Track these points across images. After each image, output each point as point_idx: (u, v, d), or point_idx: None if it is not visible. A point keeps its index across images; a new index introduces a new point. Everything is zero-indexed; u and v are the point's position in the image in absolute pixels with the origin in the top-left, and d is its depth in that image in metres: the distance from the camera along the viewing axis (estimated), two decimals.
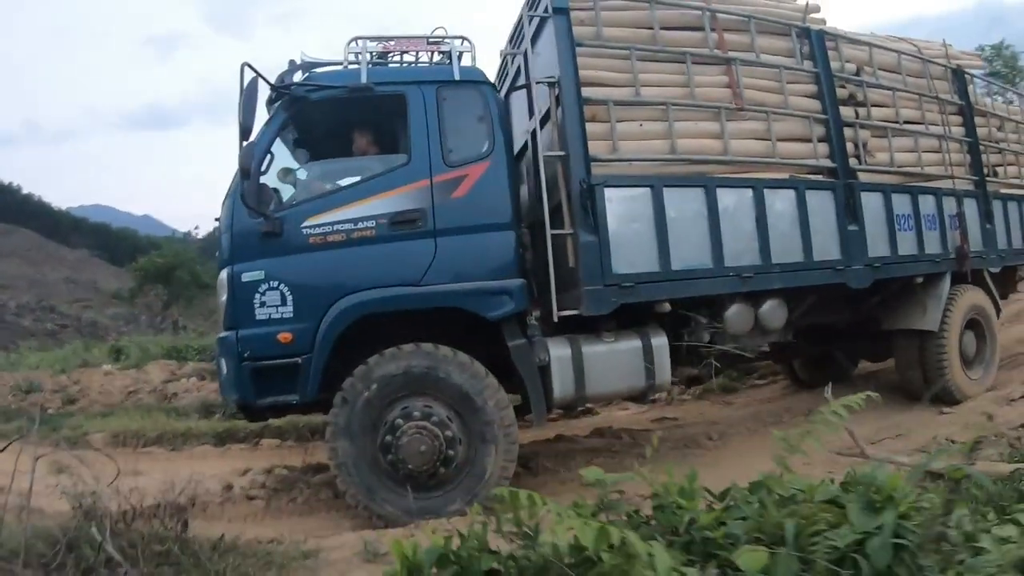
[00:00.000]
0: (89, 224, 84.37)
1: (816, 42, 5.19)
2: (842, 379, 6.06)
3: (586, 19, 4.44)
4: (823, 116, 5.08)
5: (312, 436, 5.81)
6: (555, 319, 4.01)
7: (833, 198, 4.96)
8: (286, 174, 4.18)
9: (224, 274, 3.98)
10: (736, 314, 4.60)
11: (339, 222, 3.90)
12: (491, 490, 3.61)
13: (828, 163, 5.03)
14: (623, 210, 4.20)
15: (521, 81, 4.66)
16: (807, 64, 5.15)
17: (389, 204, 3.95)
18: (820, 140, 5.09)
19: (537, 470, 4.74)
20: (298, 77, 4.28)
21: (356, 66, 4.20)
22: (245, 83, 3.78)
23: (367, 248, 3.90)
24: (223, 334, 4.00)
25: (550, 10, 4.31)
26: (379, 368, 3.74)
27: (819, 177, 5.03)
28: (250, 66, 3.82)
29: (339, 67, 4.31)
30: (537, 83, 4.30)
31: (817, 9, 5.43)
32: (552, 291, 4.02)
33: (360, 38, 4.38)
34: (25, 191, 79.33)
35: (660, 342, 4.27)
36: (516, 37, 4.95)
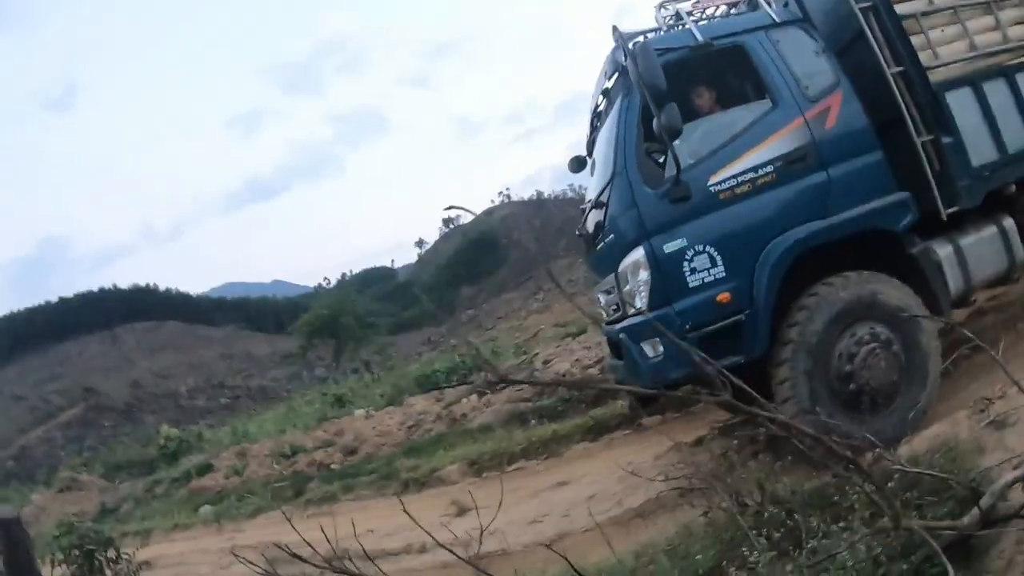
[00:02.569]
0: (229, 302, 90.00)
1: None
2: None
3: None
4: None
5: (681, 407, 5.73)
6: (943, 218, 4.30)
7: None
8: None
9: (640, 253, 4.05)
10: None
11: (742, 173, 4.09)
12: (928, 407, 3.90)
13: None
14: (962, 109, 4.51)
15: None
16: None
17: (779, 147, 4.16)
18: None
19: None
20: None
21: (683, 27, 4.40)
22: (626, 52, 3.97)
23: (774, 192, 4.11)
24: (642, 317, 4.06)
25: None
26: (836, 295, 3.94)
27: None
28: (618, 31, 4.03)
29: (661, 31, 4.48)
30: (861, 7, 4.47)
31: None
32: (936, 193, 4.31)
33: (667, 2, 4.58)
34: (163, 288, 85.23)
35: (1010, 224, 4.59)
36: None
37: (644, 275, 4.06)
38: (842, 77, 4.38)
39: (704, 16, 4.76)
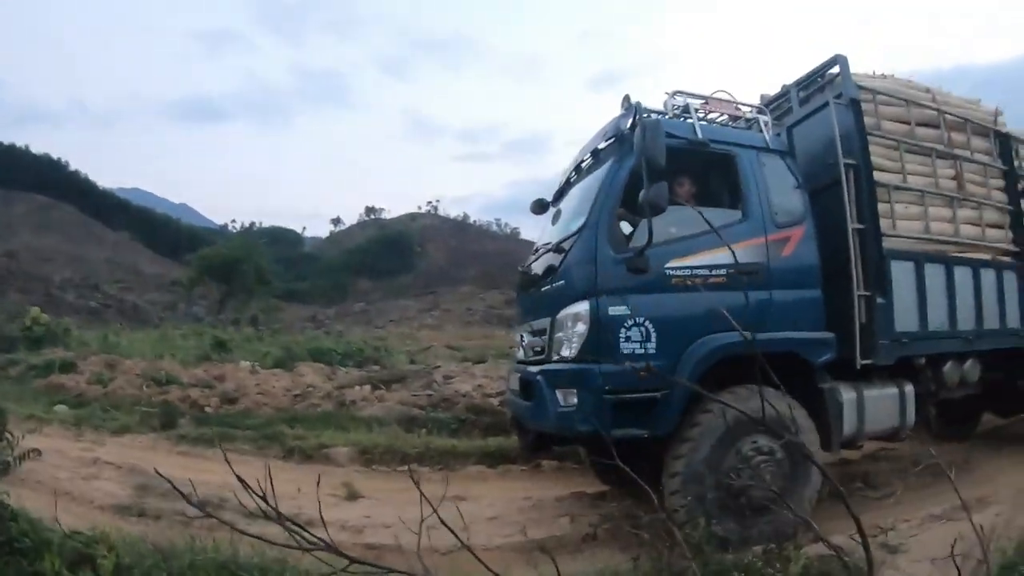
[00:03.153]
0: (132, 208, 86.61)
1: (1005, 143, 6.20)
2: (966, 435, 7.04)
3: (868, 110, 5.23)
4: (1009, 207, 6.08)
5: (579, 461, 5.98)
6: (857, 367, 4.74)
7: (1017, 278, 5.95)
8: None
9: (584, 306, 4.24)
10: (951, 369, 5.50)
11: (699, 267, 4.42)
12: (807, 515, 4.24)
13: (1013, 247, 6.02)
14: (901, 278, 5.02)
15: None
16: (999, 161, 6.14)
17: (737, 256, 4.52)
18: (1001, 227, 6.09)
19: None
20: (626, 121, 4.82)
21: (689, 120, 4.77)
22: (634, 123, 4.31)
23: (720, 294, 4.38)
24: (566, 365, 4.25)
25: (846, 99, 5.07)
26: (738, 406, 4.25)
27: (1008, 259, 6.00)
28: (629, 100, 4.39)
29: (665, 116, 4.80)
30: (845, 164, 4.96)
31: (1001, 114, 6.45)
32: (856, 343, 4.75)
33: (680, 93, 4.98)
34: (72, 167, 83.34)
35: (910, 390, 5.08)
36: (775, 107, 5.70)
37: (582, 328, 4.26)
38: (809, 216, 4.82)
39: (706, 117, 5.13)
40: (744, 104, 5.30)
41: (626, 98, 4.99)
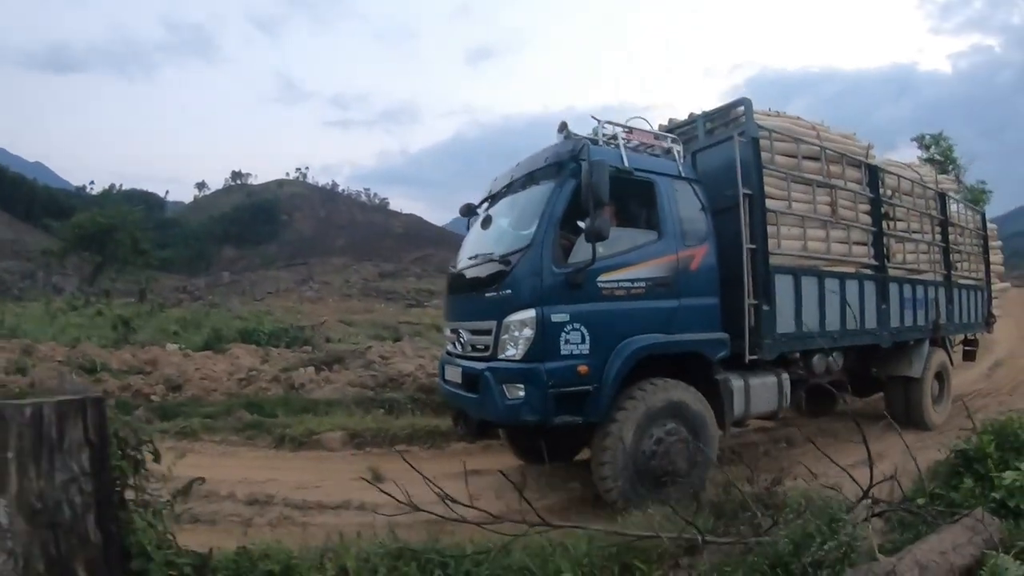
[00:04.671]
0: None
1: (873, 173, 7.47)
2: (828, 412, 8.50)
3: (765, 146, 6.26)
4: (873, 228, 7.36)
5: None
6: (746, 361, 5.81)
7: (875, 287, 7.27)
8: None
9: (531, 313, 4.91)
10: (818, 361, 6.75)
11: (623, 280, 5.25)
12: (706, 483, 5.25)
13: (873, 262, 7.33)
14: (782, 290, 6.13)
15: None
16: (868, 190, 7.40)
17: (653, 271, 5.40)
18: (864, 244, 7.39)
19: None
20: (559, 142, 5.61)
21: (616, 148, 5.54)
22: (575, 153, 5.13)
23: (639, 302, 5.29)
24: (514, 364, 4.92)
25: (748, 137, 6.07)
26: (653, 396, 5.14)
27: (868, 272, 7.30)
28: (567, 129, 5.23)
29: (594, 142, 5.48)
30: (744, 194, 5.94)
31: (872, 147, 7.72)
32: (747, 341, 5.80)
33: (609, 123, 5.78)
34: None
35: (786, 378, 6.25)
36: (681, 132, 6.65)
37: (528, 332, 4.96)
38: (711, 235, 5.80)
39: (629, 142, 5.80)
40: (660, 134, 6.18)
41: (563, 125, 5.78)
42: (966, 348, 10.00)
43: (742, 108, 6.40)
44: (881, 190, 7.58)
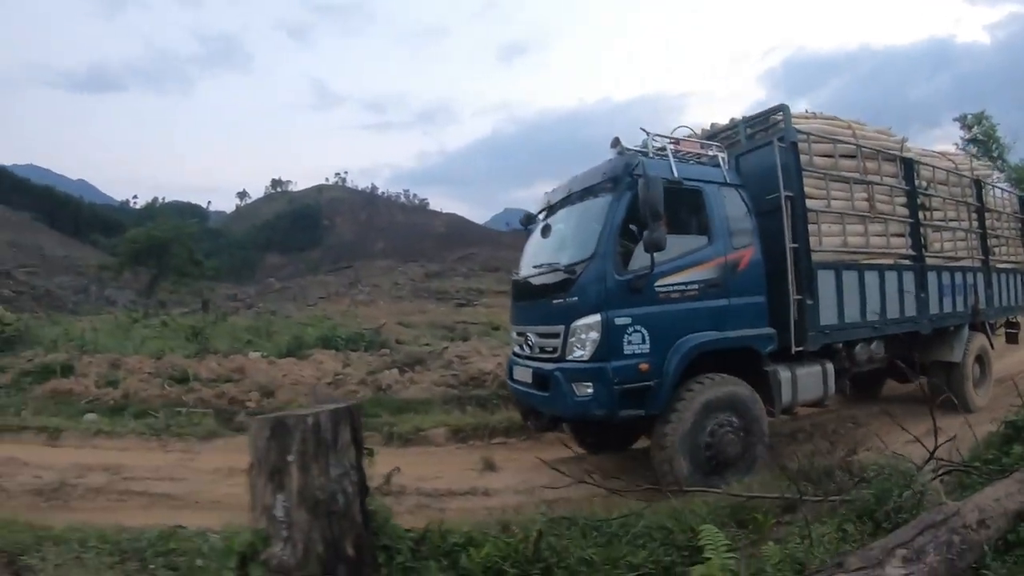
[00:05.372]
0: (33, 187, 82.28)
1: (909, 166, 7.76)
2: (873, 396, 8.84)
3: (803, 149, 6.63)
4: (910, 220, 7.67)
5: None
6: (792, 352, 6.22)
7: (913, 276, 7.59)
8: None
9: (597, 317, 5.38)
10: (862, 350, 7.12)
11: (678, 284, 5.69)
12: (757, 470, 5.68)
13: (911, 252, 7.64)
14: (824, 284, 6.52)
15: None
16: (903, 183, 7.70)
17: (705, 273, 5.84)
18: (902, 235, 7.70)
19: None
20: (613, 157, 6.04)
21: (666, 160, 5.92)
22: (630, 170, 5.55)
23: (694, 303, 5.73)
24: (583, 364, 5.38)
25: (787, 142, 6.44)
26: (708, 391, 5.57)
27: (906, 262, 7.62)
28: (620, 144, 5.71)
29: (644, 154, 5.90)
30: (785, 196, 6.33)
31: (906, 140, 8.00)
32: (792, 335, 6.21)
33: (658, 135, 6.19)
34: None
35: (830, 368, 6.62)
36: (724, 136, 7.05)
37: (595, 335, 5.44)
38: (756, 237, 6.21)
39: (677, 152, 6.19)
40: (705, 143, 6.59)
41: (616, 140, 6.19)
42: (1008, 331, 10.21)
43: (780, 114, 6.77)
44: (917, 182, 7.86)
